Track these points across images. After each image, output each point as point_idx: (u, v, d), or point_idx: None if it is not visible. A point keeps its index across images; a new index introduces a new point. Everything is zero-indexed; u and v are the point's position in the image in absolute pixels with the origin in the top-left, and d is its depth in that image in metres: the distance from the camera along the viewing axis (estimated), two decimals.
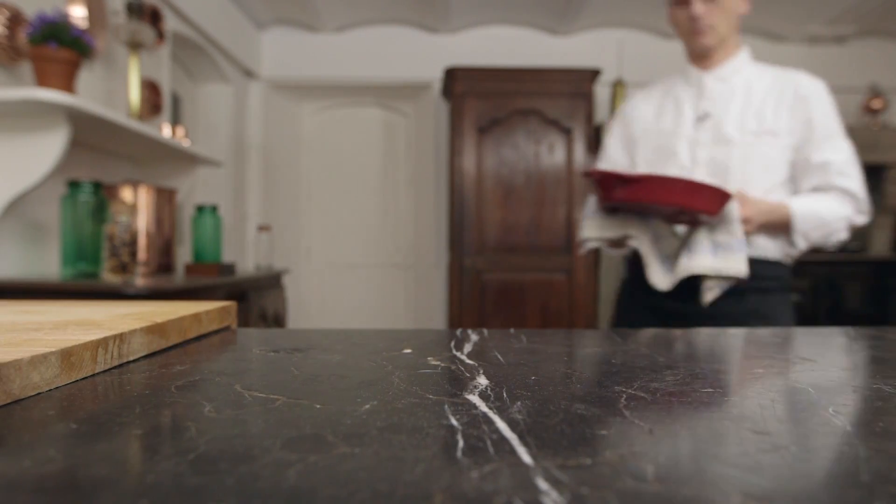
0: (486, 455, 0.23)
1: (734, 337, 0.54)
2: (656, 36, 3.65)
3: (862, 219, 1.25)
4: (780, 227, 1.19)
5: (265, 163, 3.73)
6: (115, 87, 2.14)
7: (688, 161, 1.29)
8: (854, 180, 1.23)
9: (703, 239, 1.14)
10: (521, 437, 0.25)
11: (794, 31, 3.45)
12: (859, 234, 3.53)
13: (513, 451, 0.23)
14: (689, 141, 1.30)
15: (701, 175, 1.28)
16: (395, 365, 0.41)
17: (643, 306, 1.30)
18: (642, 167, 1.38)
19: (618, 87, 3.42)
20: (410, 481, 0.21)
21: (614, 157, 1.45)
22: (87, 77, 1.93)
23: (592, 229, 1.24)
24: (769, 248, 1.25)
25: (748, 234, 1.15)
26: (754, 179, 1.24)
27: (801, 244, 1.21)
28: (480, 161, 3.21)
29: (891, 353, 0.46)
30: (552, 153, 3.18)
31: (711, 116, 1.29)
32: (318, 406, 0.30)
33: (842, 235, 1.23)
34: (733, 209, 1.10)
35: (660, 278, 1.18)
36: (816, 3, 3.16)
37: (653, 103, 1.42)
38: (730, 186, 1.23)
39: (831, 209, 1.21)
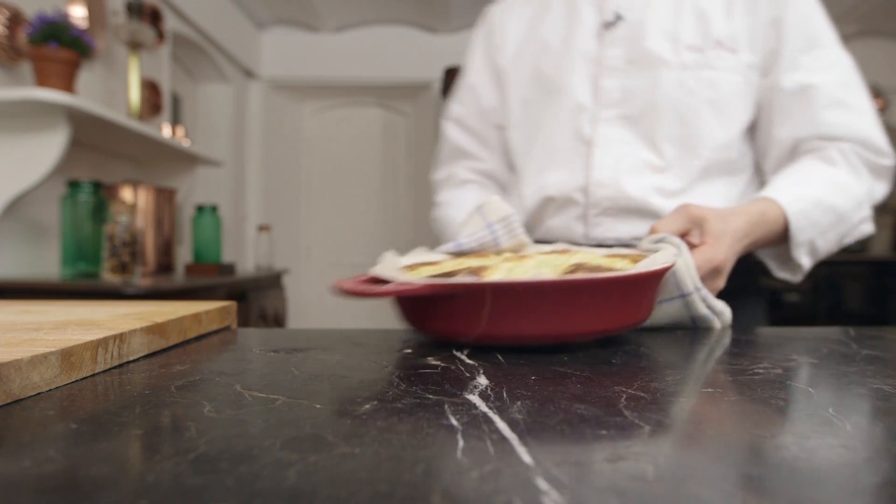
0: (486, 455, 0.23)
1: (734, 337, 0.54)
2: None
3: (884, 187, 0.77)
4: (768, 243, 0.70)
5: (265, 163, 3.73)
6: (115, 87, 2.14)
7: (587, 98, 0.80)
8: (864, 114, 0.75)
9: None
10: (521, 437, 0.25)
11: None
12: None
13: (513, 451, 0.23)
14: (589, 62, 0.81)
15: (609, 123, 0.78)
16: (395, 365, 0.41)
17: None
18: (515, 112, 0.88)
19: None
20: (410, 481, 0.21)
21: (482, 95, 0.93)
22: (87, 77, 1.93)
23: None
24: None
25: (716, 293, 0.61)
26: (699, 129, 0.76)
27: (806, 262, 0.72)
28: None
29: (891, 353, 0.46)
30: None
31: (625, 21, 0.80)
32: (318, 406, 0.30)
33: (866, 229, 0.76)
34: (681, 268, 0.55)
35: None
36: None
37: (533, 3, 0.90)
38: (659, 139, 0.77)
39: (844, 190, 0.72)
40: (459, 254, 0.63)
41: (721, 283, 0.61)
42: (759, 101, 0.79)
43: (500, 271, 0.49)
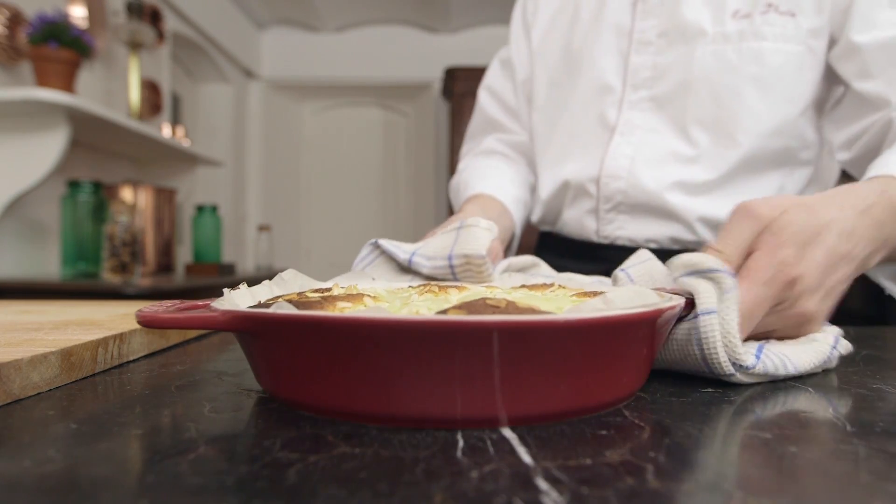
0: (486, 455, 0.23)
1: None
2: None
3: None
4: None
5: (265, 163, 3.73)
6: (115, 87, 2.13)
7: (615, 77, 0.72)
8: None
9: None
10: (521, 438, 0.25)
11: None
12: None
13: (513, 451, 0.23)
14: (620, 36, 0.72)
15: (636, 106, 0.71)
16: None
17: None
18: (541, 94, 0.82)
19: None
20: (410, 481, 0.21)
21: (518, 67, 0.86)
22: (87, 77, 1.93)
23: None
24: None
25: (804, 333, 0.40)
26: (738, 112, 0.65)
27: None
28: None
29: (891, 353, 0.46)
30: None
31: None
32: None
33: None
34: (709, 333, 0.34)
35: None
36: None
37: None
38: (690, 124, 0.67)
39: None
40: (409, 270, 0.53)
41: (810, 324, 0.39)
42: (834, 66, 0.65)
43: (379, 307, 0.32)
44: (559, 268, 0.56)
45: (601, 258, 0.73)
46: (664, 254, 0.66)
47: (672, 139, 0.69)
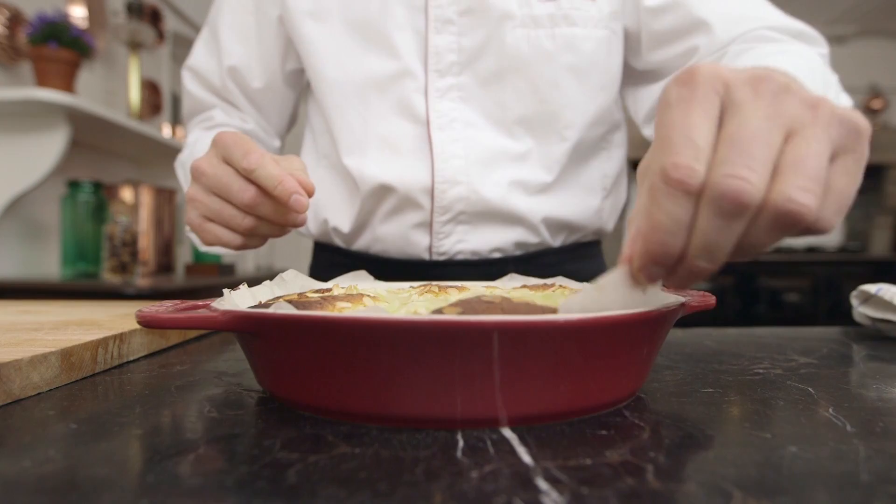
0: (486, 455, 0.23)
1: (734, 337, 0.54)
2: None
3: (826, 48, 0.62)
4: None
5: None
6: (115, 87, 2.13)
7: (415, 62, 0.62)
8: (774, 13, 0.61)
9: None
10: (521, 438, 0.25)
11: None
12: (859, 234, 3.53)
13: (513, 451, 0.23)
14: (413, 9, 0.62)
15: (445, 95, 0.62)
16: None
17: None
18: (326, 74, 0.65)
19: None
20: (410, 481, 0.21)
21: (228, 50, 0.70)
22: (87, 77, 1.93)
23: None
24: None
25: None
26: (561, 105, 0.62)
27: None
28: None
29: (891, 353, 0.46)
30: None
31: None
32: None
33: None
34: None
35: None
36: (816, 3, 3.16)
37: None
38: (510, 119, 0.62)
39: (809, 57, 0.56)
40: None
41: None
42: (633, 34, 0.65)
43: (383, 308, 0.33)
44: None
45: (435, 278, 0.63)
46: (510, 262, 0.68)
47: (496, 136, 0.63)
